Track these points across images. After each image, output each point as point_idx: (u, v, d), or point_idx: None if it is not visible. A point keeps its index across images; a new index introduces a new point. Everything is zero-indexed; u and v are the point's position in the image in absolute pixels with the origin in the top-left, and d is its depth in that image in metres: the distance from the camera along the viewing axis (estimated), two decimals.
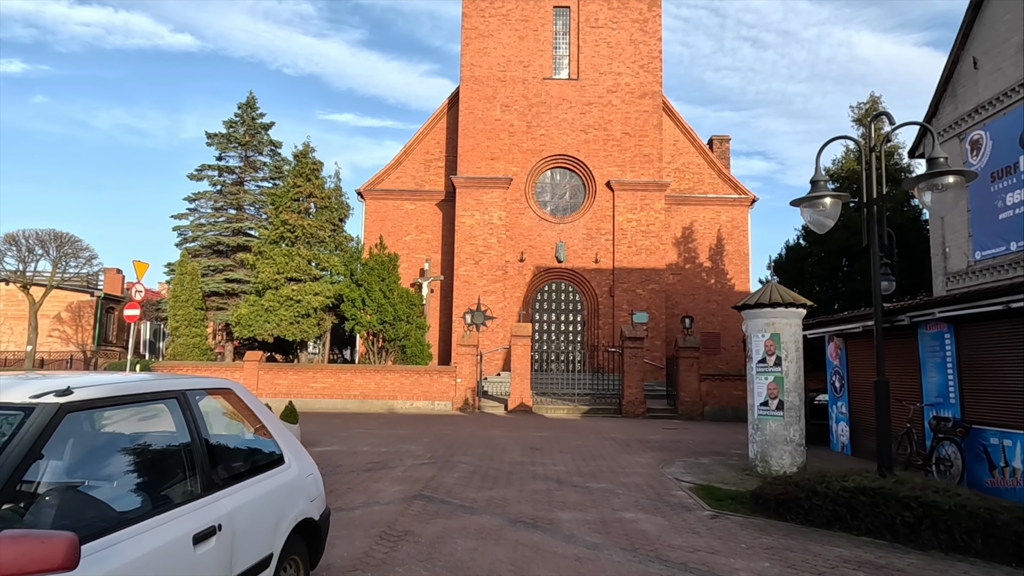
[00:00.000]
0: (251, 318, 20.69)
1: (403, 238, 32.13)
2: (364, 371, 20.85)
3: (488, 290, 29.20)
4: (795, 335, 10.14)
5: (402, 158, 32.77)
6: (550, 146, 30.32)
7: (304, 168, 22.16)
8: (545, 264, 29.65)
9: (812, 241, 19.88)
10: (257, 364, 20.87)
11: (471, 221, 29.69)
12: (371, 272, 20.53)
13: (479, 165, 30.13)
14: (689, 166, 33.02)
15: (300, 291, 20.70)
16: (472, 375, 20.74)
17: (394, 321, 20.99)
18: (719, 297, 32.32)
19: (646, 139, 30.40)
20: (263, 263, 20.90)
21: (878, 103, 22.33)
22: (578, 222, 30.02)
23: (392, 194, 32.36)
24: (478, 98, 30.53)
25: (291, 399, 20.63)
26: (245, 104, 28.84)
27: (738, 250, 32.56)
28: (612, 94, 30.63)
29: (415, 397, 20.77)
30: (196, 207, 28.70)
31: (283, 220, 21.20)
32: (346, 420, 17.70)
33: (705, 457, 11.90)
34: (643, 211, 29.89)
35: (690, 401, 20.34)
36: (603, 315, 29.46)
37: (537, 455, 11.65)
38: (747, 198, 32.71)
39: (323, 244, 22.51)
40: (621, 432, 15.99)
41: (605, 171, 30.13)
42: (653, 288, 29.44)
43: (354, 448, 12.13)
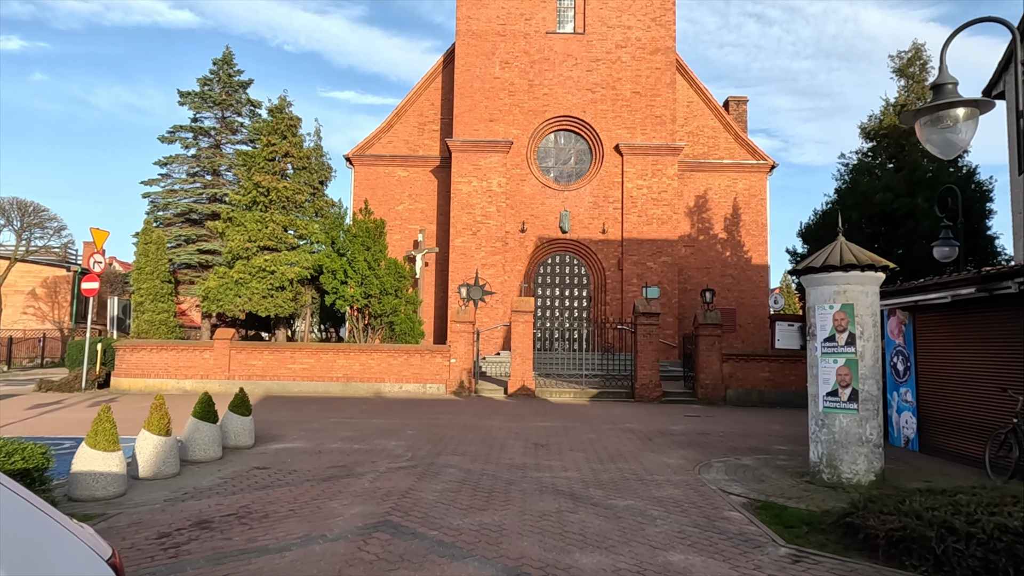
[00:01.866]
0: (220, 292, 18.55)
1: (395, 207, 29.85)
2: (348, 351, 18.75)
3: (487, 263, 27.02)
4: (872, 306, 7.97)
5: (393, 121, 30.36)
6: (554, 106, 27.91)
7: (280, 124, 19.84)
8: (548, 235, 27.42)
9: (849, 205, 17.61)
10: (228, 343, 18.77)
11: (468, 188, 27.41)
12: (355, 240, 18.32)
13: (477, 127, 27.76)
14: (703, 129, 30.60)
15: (274, 261, 18.50)
16: (468, 355, 18.64)
17: (381, 295, 18.84)
18: (735, 271, 30.14)
19: (658, 99, 27.97)
20: (233, 230, 18.69)
21: (922, 50, 19.93)
22: (584, 189, 27.73)
23: (383, 160, 30.01)
24: (475, 54, 28.05)
25: (261, 381, 18.59)
26: (221, 60, 26.38)
27: (755, 220, 30.28)
28: (621, 49, 28.13)
29: (405, 380, 18.70)
30: (169, 172, 26.39)
31: (256, 182, 18.93)
32: (324, 406, 15.63)
33: (746, 456, 9.80)
34: (655, 177, 27.58)
35: (711, 384, 18.25)
36: (611, 290, 27.31)
37: (542, 454, 9.56)
38: (765, 164, 30.35)
39: (301, 209, 20.26)
40: (637, 421, 13.92)
41: (614, 134, 27.76)
42: (665, 261, 27.24)
43: (321, 445, 10.04)
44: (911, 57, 19.99)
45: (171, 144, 26.29)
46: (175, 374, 18.92)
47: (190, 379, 18.89)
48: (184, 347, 19.00)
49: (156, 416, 7.51)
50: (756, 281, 30.22)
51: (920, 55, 19.87)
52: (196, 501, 6.46)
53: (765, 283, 30.45)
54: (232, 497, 6.64)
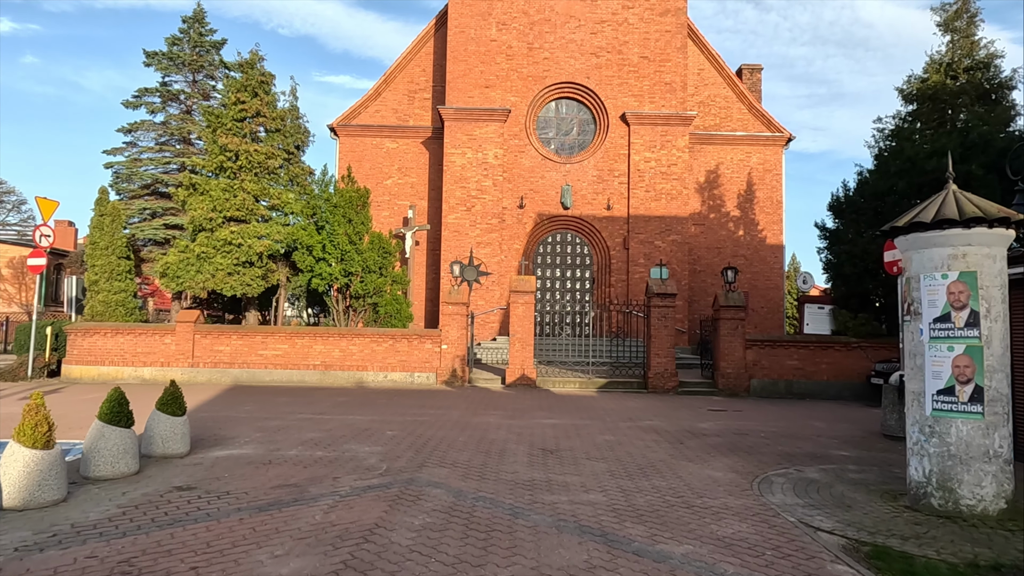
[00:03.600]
0: (180, 268, 16.43)
1: (383, 182, 27.70)
2: (326, 335, 16.70)
3: (482, 241, 24.95)
4: (1001, 274, 5.99)
5: (381, 88, 28.11)
6: (555, 72, 25.72)
7: (250, 81, 17.59)
8: (549, 211, 25.35)
9: (893, 173, 15.58)
10: (192, 327, 16.70)
11: (462, 160, 25.27)
12: (335, 211, 16.20)
13: (471, 94, 25.56)
14: (715, 99, 28.48)
15: (242, 233, 16.34)
16: (461, 340, 16.63)
17: (363, 273, 16.76)
18: (747, 251, 28.17)
19: (668, 64, 25.81)
20: (196, 199, 16.52)
21: (970, 2, 17.83)
22: (587, 162, 25.62)
23: (370, 130, 27.81)
24: (470, 14, 25.79)
25: (229, 369, 16.55)
26: (191, 18, 24.01)
27: (770, 197, 28.27)
28: (628, 10, 25.91)
29: (390, 368, 16.69)
30: (134, 140, 24.12)
31: (222, 145, 16.72)
32: (296, 398, 13.62)
33: (808, 466, 7.85)
34: (664, 149, 25.49)
35: (733, 373, 16.31)
36: (616, 271, 25.30)
37: (553, 464, 7.59)
38: (781, 136, 28.29)
39: (274, 176, 18.06)
40: (657, 416, 11.97)
41: (619, 102, 25.61)
42: (674, 240, 25.22)
43: (275, 451, 8.03)
44: (958, 9, 17.90)
45: (136, 110, 24.04)
46: (132, 361, 16.85)
47: (149, 367, 16.83)
48: (142, 331, 16.91)
49: (30, 421, 5.47)
50: (770, 262, 28.29)
51: (968, 6, 17.79)
52: (60, 551, 4.44)
53: (780, 264, 28.51)
54: (117, 543, 4.62)
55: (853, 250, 15.92)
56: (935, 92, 17.24)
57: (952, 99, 17.11)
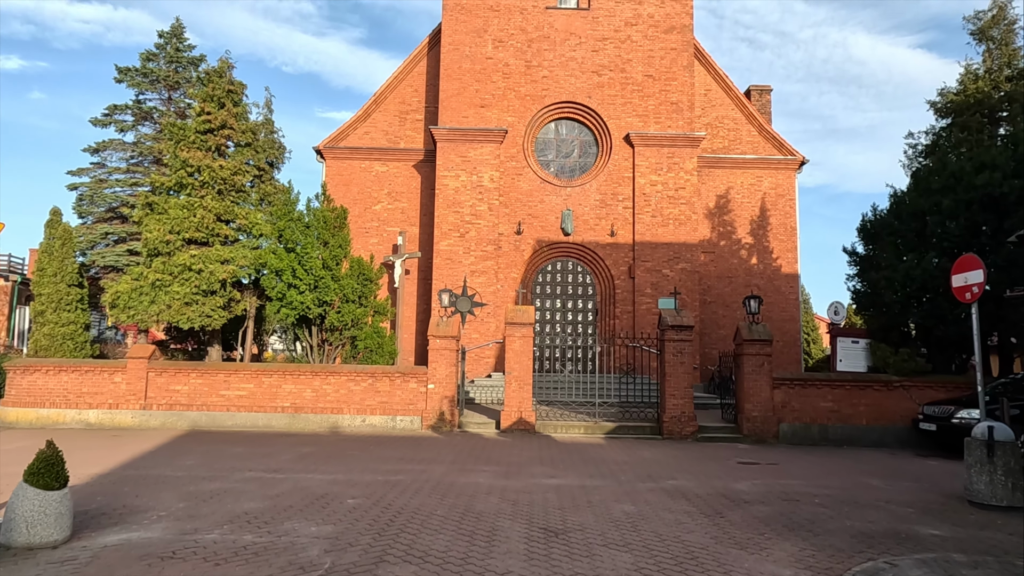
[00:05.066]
0: (132, 297, 14.57)
1: (372, 207, 26.03)
2: (297, 373, 14.75)
3: (477, 269, 23.16)
4: None
5: (371, 109, 26.64)
6: (554, 91, 24.25)
7: (217, 90, 15.97)
8: (548, 238, 23.61)
9: (936, 190, 13.88)
10: (145, 363, 14.75)
11: (456, 183, 23.62)
12: (307, 232, 14.44)
13: (466, 114, 24.04)
14: (723, 121, 27.02)
15: (202, 258, 14.49)
16: (450, 378, 14.68)
17: (341, 303, 14.91)
18: (761, 280, 26.37)
19: (674, 83, 24.37)
20: (152, 219, 14.76)
21: (1007, 9, 16.41)
22: (589, 186, 23.99)
23: (359, 152, 26.24)
24: (465, 31, 24.43)
25: (186, 412, 14.54)
26: (169, 33, 22.58)
27: (784, 223, 26.61)
28: (631, 28, 24.58)
29: (369, 410, 14.69)
30: (102, 160, 22.47)
31: (184, 160, 15.00)
32: (254, 448, 11.62)
33: (899, 555, 5.86)
34: (671, 172, 23.88)
35: (760, 417, 14.34)
36: (621, 301, 23.45)
37: (560, 558, 5.62)
38: (794, 160, 26.77)
39: (242, 194, 16.32)
40: (681, 472, 9.99)
41: (623, 122, 24.10)
42: (683, 268, 23.45)
43: (190, 533, 6.05)
44: (994, 16, 16.45)
45: (106, 128, 22.46)
46: (76, 403, 14.85)
47: (96, 409, 14.82)
48: (89, 368, 14.93)
49: None
50: (785, 292, 26.49)
51: (1004, 14, 16.35)
52: None
53: (795, 294, 26.73)
54: None
55: (893, 276, 14.15)
56: (975, 103, 15.68)
57: (994, 109, 15.55)
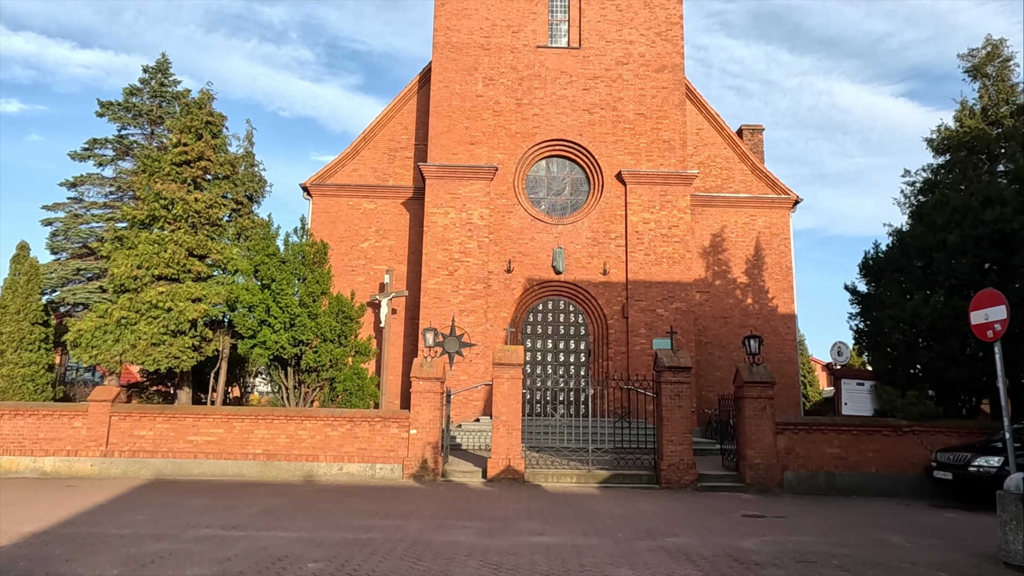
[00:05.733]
0: (96, 336, 13.71)
1: (359, 244, 25.42)
2: (271, 417, 13.83)
3: (465, 308, 22.43)
4: None
5: (360, 146, 26.28)
6: (545, 128, 23.98)
7: (196, 122, 15.43)
8: (539, 276, 22.98)
9: (940, 226, 13.38)
10: (108, 407, 13.81)
11: (445, 221, 23.09)
12: (283, 267, 13.72)
13: (456, 151, 23.68)
14: (715, 159, 26.79)
15: (172, 295, 13.69)
16: (434, 423, 13.80)
17: (319, 342, 14.10)
18: (757, 321, 25.74)
19: (666, 121, 24.17)
20: (120, 254, 14.02)
21: (1000, 47, 16.25)
22: (581, 223, 23.50)
23: (347, 189, 25.75)
24: (455, 69, 24.26)
25: (150, 460, 13.54)
26: (154, 69, 22.25)
27: (779, 262, 26.14)
28: (623, 67, 24.50)
29: (347, 457, 13.75)
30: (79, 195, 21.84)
31: (157, 192, 14.36)
32: (216, 501, 10.66)
33: None
34: (663, 209, 23.46)
35: (763, 464, 13.48)
36: (614, 342, 22.71)
37: None
38: (788, 199, 26.47)
39: (218, 229, 15.62)
40: (682, 528, 9.11)
41: (615, 160, 23.78)
42: (678, 307, 22.81)
43: None
44: (988, 54, 16.28)
45: (85, 162, 21.91)
46: (32, 449, 13.83)
47: (53, 456, 13.80)
48: (48, 412, 13.96)
49: None
50: (782, 333, 25.83)
51: (999, 51, 16.18)
52: None
53: (793, 335, 26.08)
54: None
55: (900, 315, 13.52)
56: (972, 139, 15.35)
57: (993, 145, 15.22)
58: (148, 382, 20.67)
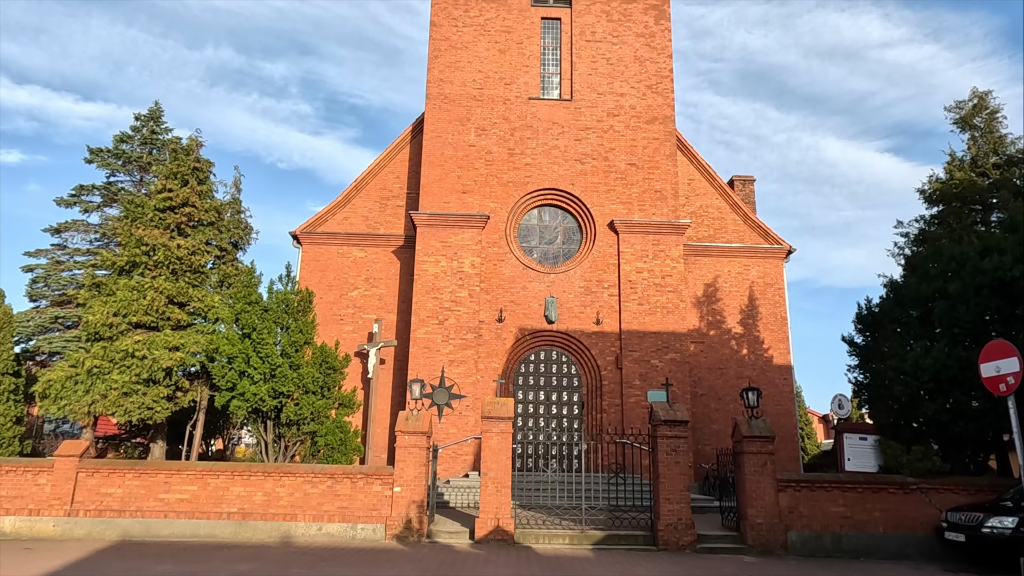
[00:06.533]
0: (66, 386, 13.12)
1: (348, 293, 25.00)
2: (248, 474, 13.13)
3: (456, 359, 21.90)
4: None
5: (352, 195, 26.15)
6: (537, 178, 23.97)
7: (182, 167, 15.21)
8: (531, 325, 22.55)
9: (935, 276, 13.16)
10: (76, 462, 13.10)
11: (435, 269, 22.78)
12: (265, 316, 13.27)
13: (447, 199, 23.57)
14: (707, 209, 26.80)
15: (149, 343, 13.18)
16: (419, 480, 13.13)
17: (300, 394, 13.54)
18: (753, 372, 25.25)
19: (657, 171, 24.23)
20: (97, 301, 13.56)
21: (986, 99, 16.42)
22: (573, 272, 23.23)
23: (337, 238, 25.49)
24: (448, 119, 24.39)
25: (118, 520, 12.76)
26: (146, 117, 22.23)
27: (774, 313, 25.83)
28: (614, 118, 24.70)
29: (327, 517, 13.00)
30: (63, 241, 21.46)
31: (139, 238, 14.01)
32: (181, 567, 9.91)
33: None
34: (656, 259, 23.26)
35: (765, 524, 12.82)
36: (608, 393, 22.13)
37: None
38: (781, 248, 26.36)
39: (200, 276, 15.21)
40: None
41: (607, 209, 23.70)
42: (673, 358, 22.34)
43: None
44: (975, 106, 16.43)
45: (71, 208, 21.63)
46: None
47: (13, 515, 12.99)
48: (10, 467, 13.21)
49: None
50: (779, 384, 25.31)
51: (985, 103, 16.33)
52: None
53: (790, 387, 25.56)
54: None
55: (901, 367, 13.14)
56: (963, 190, 15.31)
57: (984, 197, 15.17)
58: (125, 434, 19.88)
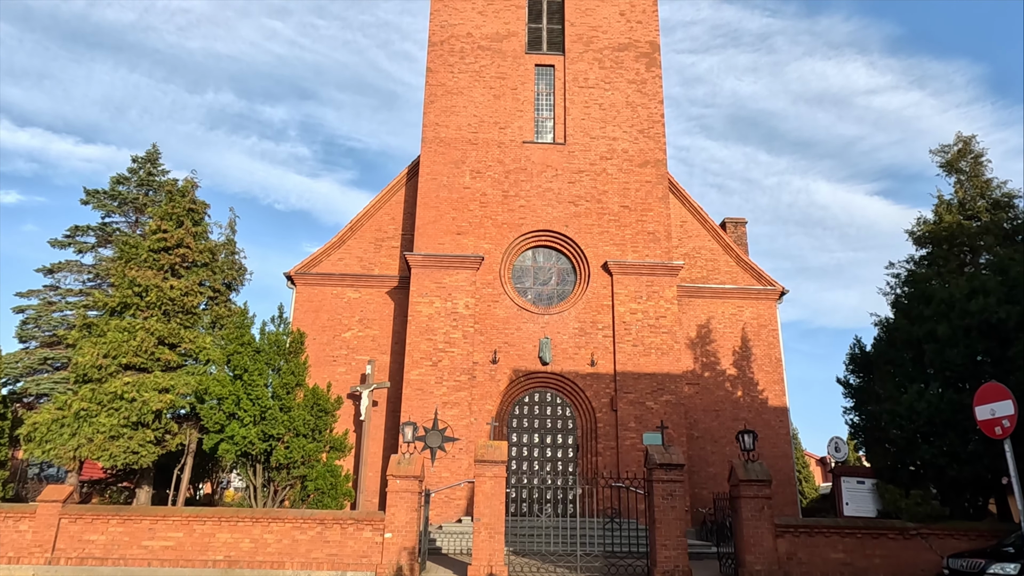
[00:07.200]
0: (52, 429, 12.89)
1: (342, 334, 24.90)
2: (235, 519, 12.84)
3: (449, 401, 21.70)
4: None
5: (347, 236, 26.28)
6: (531, 219, 24.18)
7: (177, 209, 15.30)
8: (525, 367, 22.43)
9: (928, 317, 13.23)
10: (59, 508, 12.80)
11: (429, 310, 22.76)
12: (257, 357, 13.18)
13: (442, 241, 23.70)
14: (700, 251, 27.02)
15: (138, 385, 13.03)
16: (411, 526, 12.85)
17: (291, 437, 13.35)
18: (748, 414, 25.09)
19: (650, 214, 24.49)
20: (87, 342, 13.46)
21: (971, 143, 16.79)
22: (568, 313, 23.24)
23: (331, 279, 25.50)
24: (443, 162, 24.71)
25: (100, 568, 12.41)
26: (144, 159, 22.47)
27: (768, 354, 25.81)
28: (607, 161, 25.08)
29: (315, 564, 12.68)
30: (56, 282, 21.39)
31: (132, 279, 13.98)
32: None
33: None
34: (650, 300, 23.31)
35: (764, 571, 12.56)
36: (603, 436, 21.91)
37: None
38: (774, 290, 26.50)
39: (192, 317, 15.14)
40: None
41: (600, 250, 23.86)
42: (668, 400, 22.21)
43: None
44: (960, 151, 16.79)
45: (64, 249, 21.63)
46: None
47: None
48: None
49: None
50: (775, 426, 25.13)
51: (970, 148, 16.70)
52: None
53: (786, 429, 25.37)
54: None
55: (896, 409, 13.08)
56: (951, 233, 15.52)
57: (972, 239, 15.38)
58: (111, 478, 19.47)
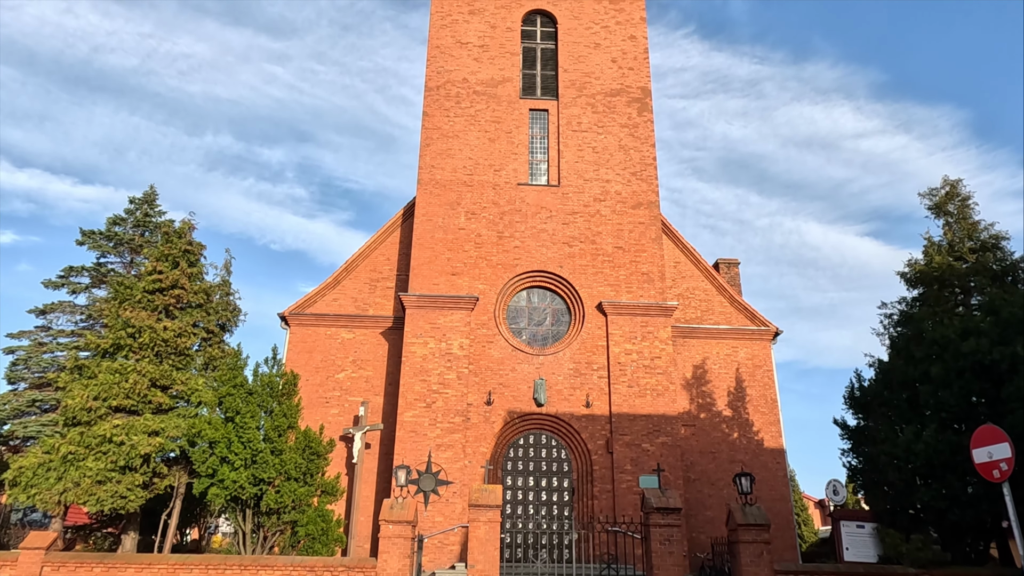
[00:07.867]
0: (38, 474, 12.63)
1: (335, 375, 24.71)
2: (223, 567, 12.51)
3: (443, 443, 21.43)
4: None
5: (342, 276, 26.34)
6: (526, 260, 24.32)
7: (173, 250, 15.34)
8: (520, 408, 22.25)
9: (920, 359, 13.27)
10: (41, 556, 12.45)
11: (424, 351, 22.66)
12: (249, 399, 13.04)
13: (437, 281, 23.76)
14: (694, 292, 27.16)
15: (128, 428, 12.84)
16: (403, 573, 12.55)
17: (282, 481, 13.12)
18: (745, 455, 24.85)
19: (644, 254, 24.68)
20: (78, 384, 13.31)
21: (958, 187, 17.12)
22: (563, 354, 23.18)
23: (326, 319, 25.45)
24: (438, 203, 24.96)
25: None
26: (141, 200, 22.62)
27: (764, 395, 25.72)
28: (600, 203, 25.39)
29: None
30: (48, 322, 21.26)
31: (126, 320, 13.93)
32: None
33: None
34: (645, 341, 23.30)
35: None
36: (599, 479, 21.61)
37: None
38: (768, 330, 26.56)
39: (185, 358, 15.03)
40: None
41: (595, 291, 23.95)
42: (664, 442, 22.00)
43: None
44: (947, 194, 17.12)
45: (58, 289, 21.58)
46: None
47: None
48: None
49: None
50: (773, 468, 24.87)
51: (957, 191, 17.03)
52: None
53: (783, 471, 25.09)
54: None
55: (893, 451, 13.00)
56: (942, 274, 15.70)
57: (962, 280, 15.54)
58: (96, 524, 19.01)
